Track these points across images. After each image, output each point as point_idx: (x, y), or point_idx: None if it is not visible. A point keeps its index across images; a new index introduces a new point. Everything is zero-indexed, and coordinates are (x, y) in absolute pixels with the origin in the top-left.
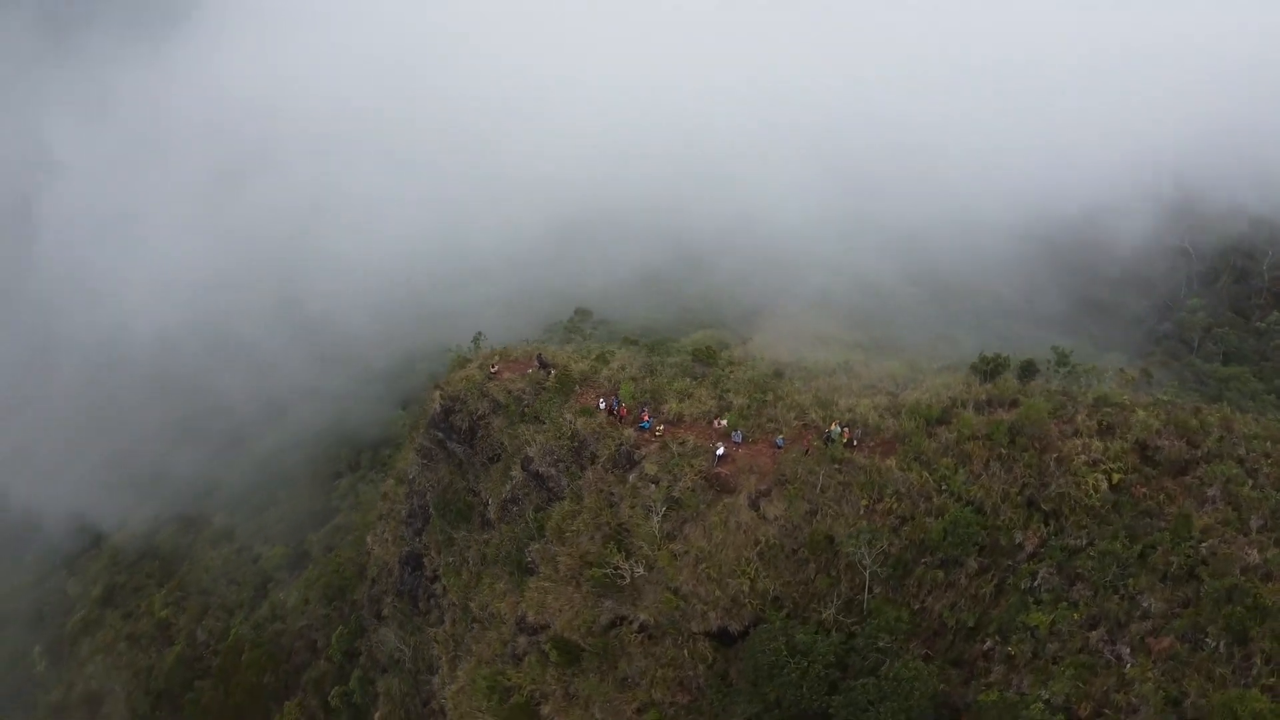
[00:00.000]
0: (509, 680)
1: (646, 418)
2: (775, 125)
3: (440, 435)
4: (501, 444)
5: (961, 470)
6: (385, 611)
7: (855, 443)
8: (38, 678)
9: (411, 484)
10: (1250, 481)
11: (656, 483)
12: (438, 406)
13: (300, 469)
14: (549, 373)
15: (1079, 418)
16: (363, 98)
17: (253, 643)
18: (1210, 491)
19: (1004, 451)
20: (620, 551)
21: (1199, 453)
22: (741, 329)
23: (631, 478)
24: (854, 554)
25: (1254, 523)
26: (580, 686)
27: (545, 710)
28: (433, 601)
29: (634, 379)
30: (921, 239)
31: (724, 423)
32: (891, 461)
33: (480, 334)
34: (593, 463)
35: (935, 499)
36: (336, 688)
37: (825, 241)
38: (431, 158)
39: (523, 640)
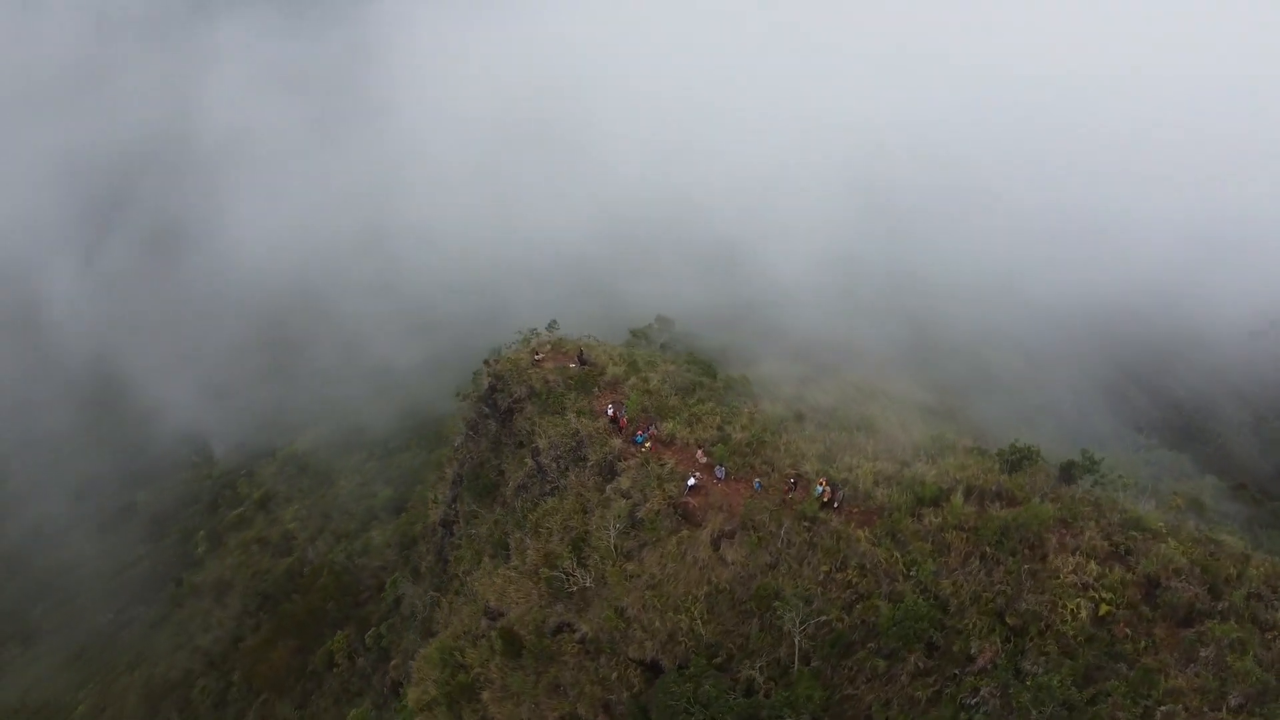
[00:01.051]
0: (463, 658)
1: (640, 432)
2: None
3: (486, 410)
4: (528, 430)
5: (936, 560)
6: (423, 569)
7: (836, 504)
8: (195, 558)
9: (456, 451)
10: (1254, 653)
11: (627, 498)
12: (485, 382)
13: (430, 424)
14: (583, 367)
15: (1088, 533)
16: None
17: (330, 569)
18: (1204, 652)
19: (988, 551)
20: (576, 558)
21: (1219, 605)
22: (824, 367)
23: (608, 488)
24: (785, 619)
25: (1232, 699)
26: (514, 681)
27: (484, 696)
28: (452, 569)
29: (650, 392)
30: (1028, 306)
31: (705, 456)
32: (864, 533)
33: (554, 321)
34: (581, 465)
35: (899, 583)
36: (373, 629)
37: (912, 293)
38: (557, 155)
39: (484, 623)
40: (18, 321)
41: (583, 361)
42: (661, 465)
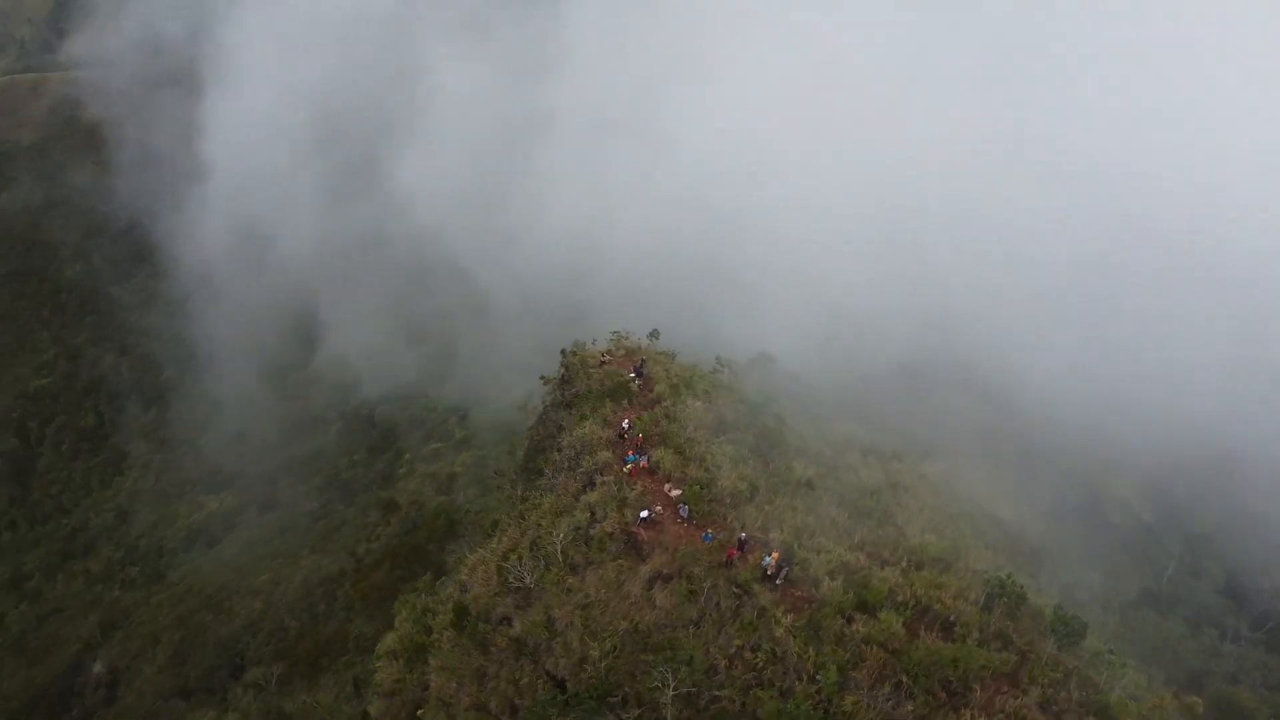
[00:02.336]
0: (431, 621)
1: (632, 453)
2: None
3: (559, 399)
4: (570, 425)
5: (844, 672)
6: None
7: (779, 581)
8: (394, 475)
9: (527, 433)
10: None
11: (590, 513)
12: (559, 373)
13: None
14: (635, 379)
15: (1031, 699)
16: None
17: (448, 514)
18: None
19: (905, 680)
20: (531, 557)
21: None
22: (908, 450)
23: (582, 498)
24: (654, 676)
25: None
26: (453, 657)
27: (430, 662)
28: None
29: (672, 418)
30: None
31: (674, 492)
32: (788, 619)
33: (655, 330)
34: (574, 470)
35: (799, 683)
36: (443, 578)
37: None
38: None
39: (457, 594)
40: (246, 229)
41: (638, 373)
42: (631, 489)
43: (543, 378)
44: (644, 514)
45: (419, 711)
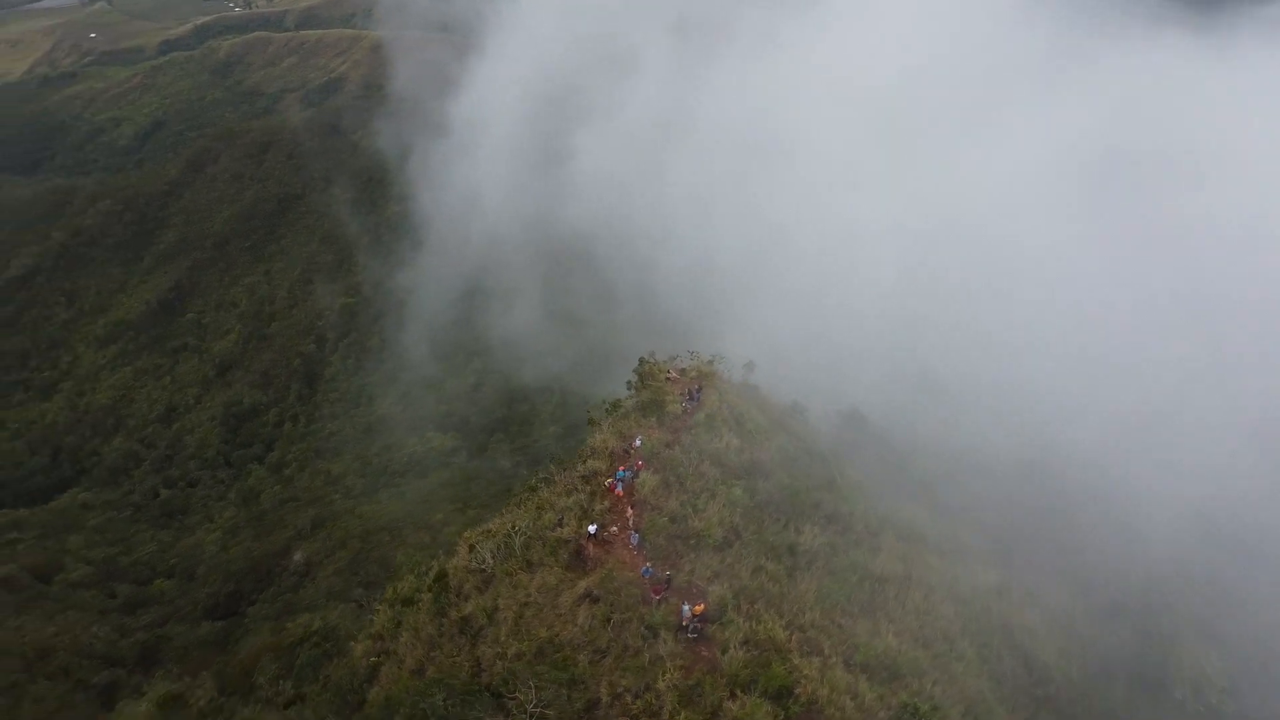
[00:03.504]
0: (424, 581)
1: (623, 468)
2: None
3: (631, 402)
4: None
5: None
6: None
7: (692, 634)
8: (579, 452)
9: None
10: None
11: (561, 517)
12: (634, 378)
13: None
14: (688, 402)
15: None
16: None
17: None
18: None
19: None
20: (500, 545)
21: None
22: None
23: (560, 501)
24: (518, 686)
25: None
26: (420, 618)
27: (407, 618)
28: None
29: (682, 445)
30: None
31: (633, 514)
32: (675, 676)
33: (751, 362)
34: (571, 472)
35: None
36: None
37: None
38: None
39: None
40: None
41: (693, 397)
42: (601, 503)
43: (628, 382)
44: (591, 529)
45: (373, 659)
